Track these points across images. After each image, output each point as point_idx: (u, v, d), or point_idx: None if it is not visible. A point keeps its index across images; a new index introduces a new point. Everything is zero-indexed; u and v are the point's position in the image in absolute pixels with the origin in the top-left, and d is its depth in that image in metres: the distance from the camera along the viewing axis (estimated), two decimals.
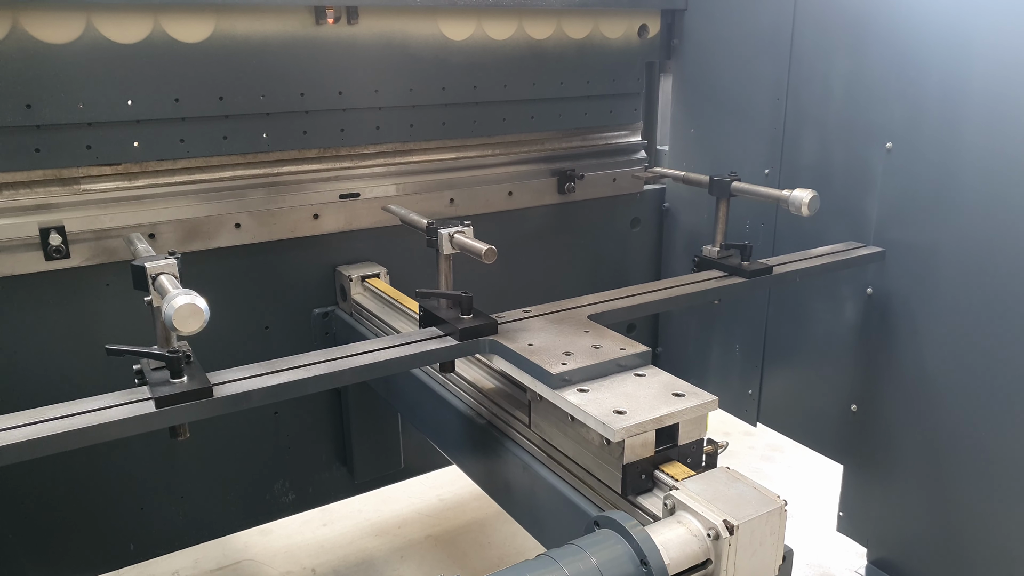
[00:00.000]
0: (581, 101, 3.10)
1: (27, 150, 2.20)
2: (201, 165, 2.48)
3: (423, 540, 3.24)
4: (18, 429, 1.49)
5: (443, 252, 1.94)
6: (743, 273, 2.36)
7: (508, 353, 1.80)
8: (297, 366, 1.73)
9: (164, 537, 2.69)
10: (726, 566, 1.30)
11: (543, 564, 1.21)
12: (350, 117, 2.65)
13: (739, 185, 2.44)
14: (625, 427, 1.46)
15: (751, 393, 3.12)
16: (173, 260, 1.68)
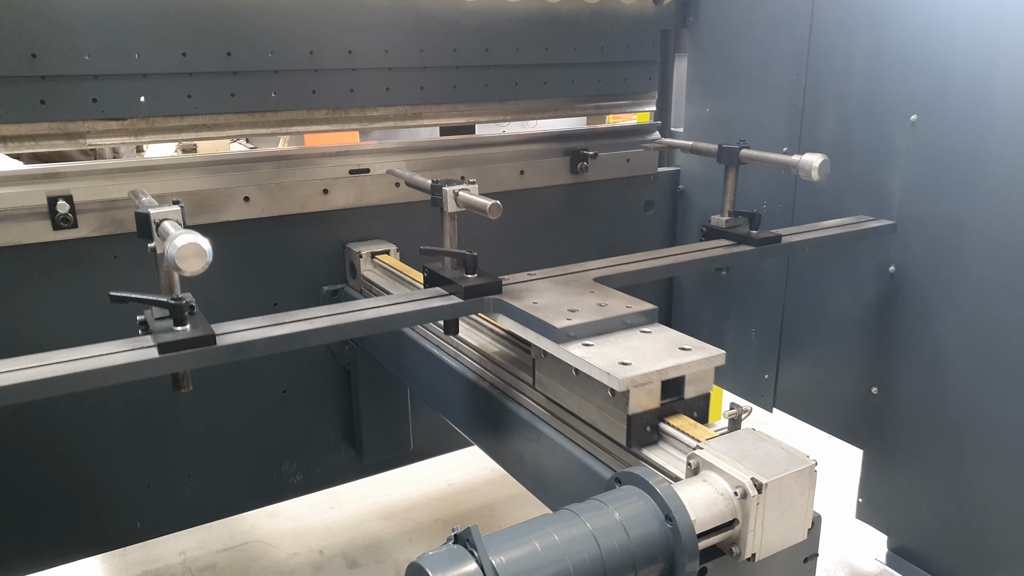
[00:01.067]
0: (595, 68, 3.05)
1: (32, 101, 2.16)
2: (208, 123, 2.44)
3: (432, 524, 3.19)
4: (23, 371, 1.48)
5: (448, 210, 1.92)
6: (751, 241, 2.33)
7: (513, 311, 1.78)
8: (301, 319, 1.71)
9: (171, 516, 2.65)
10: (753, 526, 1.25)
11: (564, 518, 1.16)
12: (360, 77, 2.60)
13: (748, 152, 2.40)
14: (630, 377, 1.44)
15: (767, 378, 3.06)
16: (177, 207, 1.66)
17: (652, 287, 3.44)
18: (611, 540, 1.14)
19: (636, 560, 1.15)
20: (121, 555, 2.95)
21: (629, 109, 3.25)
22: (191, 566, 2.93)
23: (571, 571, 1.10)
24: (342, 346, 2.79)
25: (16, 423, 2.34)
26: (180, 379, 1.71)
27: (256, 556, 2.99)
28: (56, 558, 2.52)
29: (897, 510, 2.62)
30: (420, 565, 1.05)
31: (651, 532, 1.17)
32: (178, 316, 1.60)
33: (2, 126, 2.15)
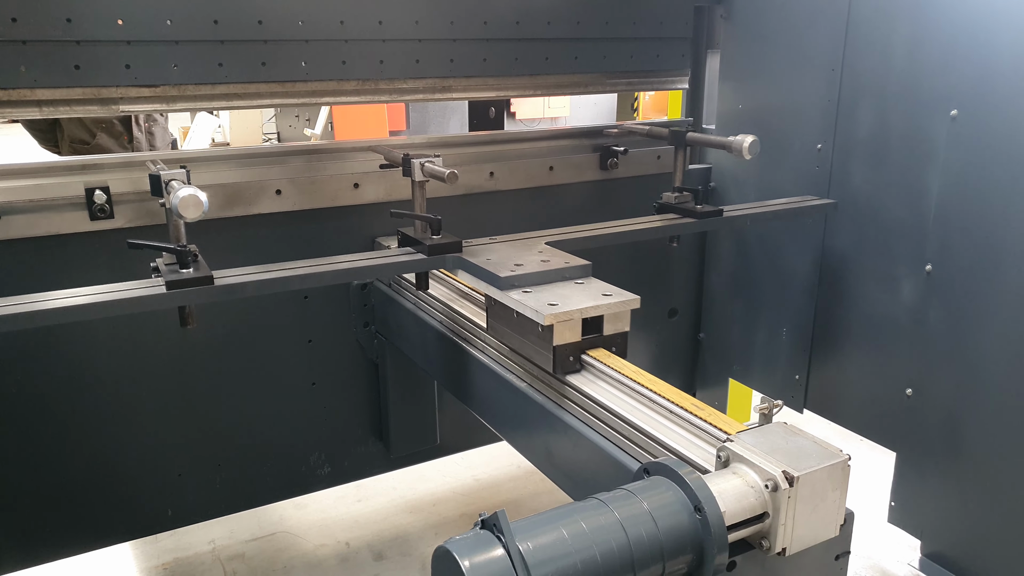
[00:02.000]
0: (627, 43, 3.01)
1: (67, 66, 2.18)
2: (239, 92, 2.44)
3: (458, 518, 3.19)
4: (46, 302, 1.76)
5: (416, 179, 2.21)
6: (695, 215, 2.58)
7: (468, 266, 2.08)
8: (286, 268, 2.01)
9: (201, 505, 2.69)
10: (784, 520, 1.23)
11: (592, 506, 1.16)
12: (389, 48, 2.60)
13: (693, 135, 2.67)
14: (553, 314, 1.74)
15: (798, 379, 3.02)
16: (183, 170, 1.93)
17: (683, 285, 3.42)
18: (639, 529, 1.13)
19: (664, 551, 1.13)
20: (152, 542, 3.00)
21: (661, 86, 3.21)
22: (220, 555, 2.96)
23: (598, 559, 1.09)
24: (371, 340, 2.81)
25: (56, 410, 2.39)
26: (186, 316, 2.01)
27: (284, 547, 3.01)
28: (90, 543, 2.57)
29: (931, 515, 2.56)
30: (447, 549, 1.05)
31: (680, 523, 1.16)
32: (183, 260, 1.90)
33: (37, 91, 2.18)
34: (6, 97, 2.17)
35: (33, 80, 2.16)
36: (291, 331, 2.68)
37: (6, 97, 2.17)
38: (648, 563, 1.13)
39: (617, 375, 1.73)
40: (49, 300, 1.77)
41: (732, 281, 3.29)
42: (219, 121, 10.87)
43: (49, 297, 1.77)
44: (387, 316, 2.70)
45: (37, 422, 2.38)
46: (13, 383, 2.31)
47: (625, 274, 3.26)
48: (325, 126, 9.35)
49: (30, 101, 2.20)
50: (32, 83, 2.17)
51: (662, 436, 1.53)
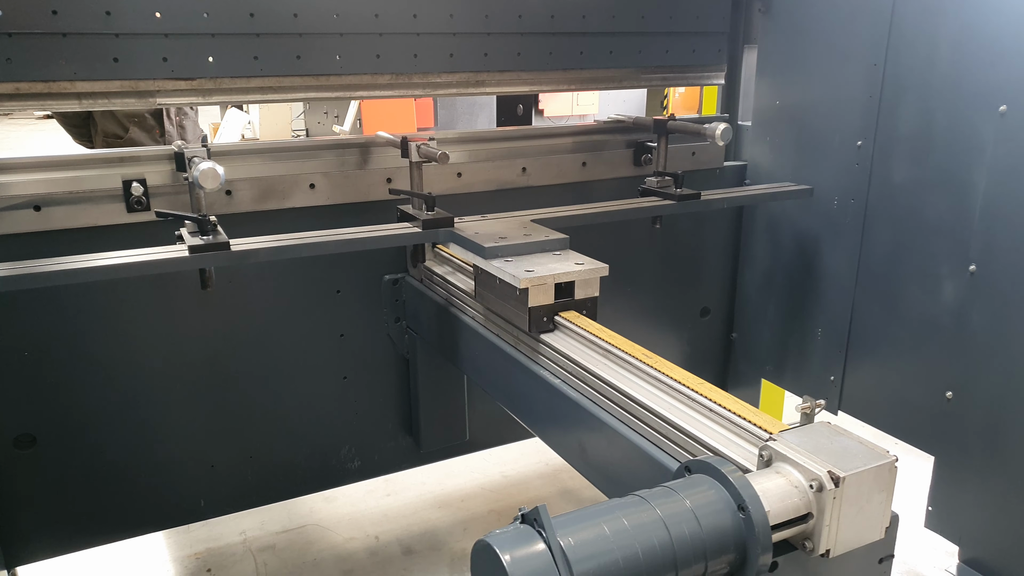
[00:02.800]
0: (663, 37, 2.98)
1: (106, 59, 2.21)
2: (273, 85, 2.45)
3: (486, 514, 3.19)
4: (81, 263, 1.95)
5: (412, 159, 2.40)
6: (674, 197, 2.74)
7: (458, 238, 2.29)
8: (295, 237, 2.19)
9: (233, 496, 2.70)
10: (829, 521, 1.21)
11: (634, 503, 1.14)
12: (424, 42, 2.60)
13: (673, 123, 2.82)
14: (528, 278, 1.96)
15: (833, 380, 2.97)
16: (204, 148, 2.21)
17: (715, 284, 3.38)
18: (682, 528, 1.11)
19: (707, 549, 1.11)
20: (185, 532, 3.03)
21: (696, 82, 3.17)
22: (251, 546, 2.99)
23: (640, 556, 1.07)
24: (402, 335, 2.81)
25: (93, 402, 2.42)
26: (206, 279, 2.19)
27: (314, 539, 3.03)
28: (125, 531, 2.60)
29: (969, 520, 2.50)
30: (488, 543, 1.04)
31: (723, 522, 1.14)
32: (204, 229, 2.11)
33: (77, 83, 2.20)
34: (46, 90, 2.19)
35: (73, 73, 2.19)
36: (324, 325, 2.69)
37: (46, 90, 2.19)
38: (690, 562, 1.11)
39: (587, 334, 1.92)
40: (82, 261, 1.95)
41: (766, 280, 3.25)
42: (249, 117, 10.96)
43: (83, 259, 1.95)
44: (418, 311, 2.70)
45: (75, 413, 2.41)
46: (51, 374, 2.34)
47: (657, 273, 3.26)
48: (353, 123, 9.39)
49: (70, 94, 2.23)
50: (72, 76, 2.19)
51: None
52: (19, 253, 2.12)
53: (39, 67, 2.14)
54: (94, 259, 1.98)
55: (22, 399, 2.33)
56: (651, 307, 3.26)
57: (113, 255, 2.01)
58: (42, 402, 2.36)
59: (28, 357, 2.31)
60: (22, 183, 2.19)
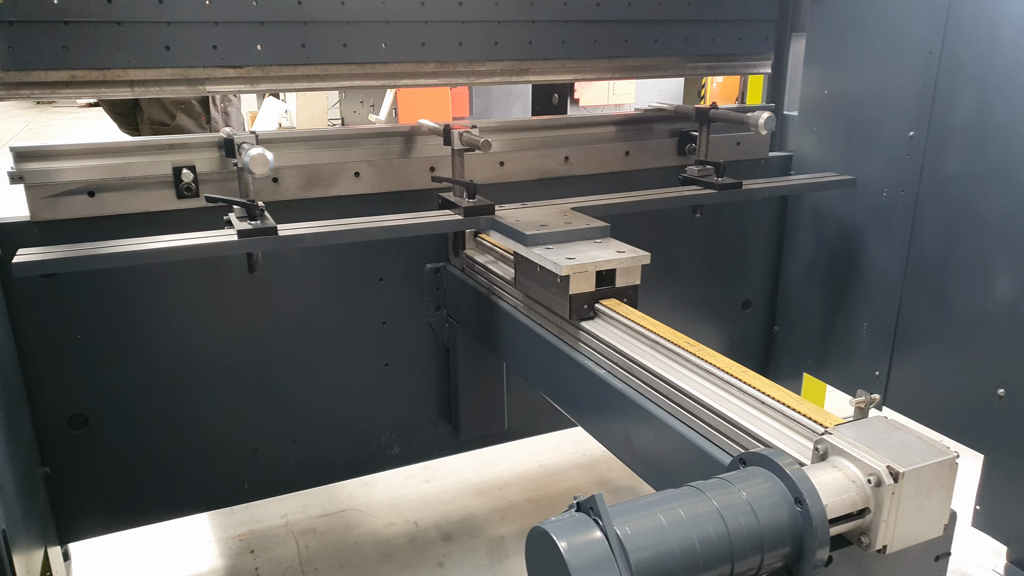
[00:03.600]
0: (709, 25, 2.94)
1: (158, 47, 2.24)
2: (320, 73, 2.47)
3: (524, 503, 3.20)
4: (134, 246, 2.02)
5: (454, 147, 2.42)
6: (715, 187, 2.72)
7: (499, 226, 2.30)
8: (340, 223, 2.23)
9: (275, 479, 2.75)
10: (887, 516, 1.19)
11: (690, 494, 1.13)
12: (468, 30, 2.59)
13: (715, 112, 2.78)
14: (570, 266, 1.96)
15: (878, 375, 2.92)
16: (252, 134, 2.22)
17: (757, 276, 3.34)
18: (738, 520, 1.10)
19: (764, 542, 1.11)
20: (229, 514, 3.08)
21: (742, 70, 3.13)
22: (292, 529, 3.03)
23: (697, 547, 1.07)
24: (442, 323, 2.82)
25: (141, 386, 2.47)
26: (253, 263, 2.26)
27: (354, 523, 3.07)
28: (170, 512, 2.66)
29: (1019, 520, 2.45)
30: (544, 530, 1.04)
31: (780, 515, 1.13)
32: (252, 214, 2.15)
33: (130, 71, 2.24)
34: (100, 77, 2.23)
35: (126, 60, 2.22)
36: (367, 312, 2.72)
37: (100, 77, 2.23)
38: (747, 554, 1.10)
39: (629, 322, 1.91)
40: (135, 244, 2.01)
41: (810, 273, 3.20)
42: (286, 106, 11.06)
43: (136, 242, 2.02)
44: (459, 300, 2.71)
45: (125, 396, 2.46)
46: (103, 356, 2.40)
47: (698, 264, 3.23)
48: (389, 112, 9.42)
49: (123, 81, 2.26)
50: (125, 63, 2.22)
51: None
52: (73, 238, 2.17)
53: (94, 55, 2.18)
54: (147, 243, 2.04)
55: (75, 380, 2.39)
56: (691, 299, 3.23)
57: (165, 239, 2.05)
58: (94, 384, 2.42)
59: (81, 340, 2.36)
60: (77, 169, 2.24)
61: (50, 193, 2.21)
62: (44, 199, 2.21)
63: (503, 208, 2.41)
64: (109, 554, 2.88)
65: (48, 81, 2.17)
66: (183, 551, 2.92)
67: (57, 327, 2.32)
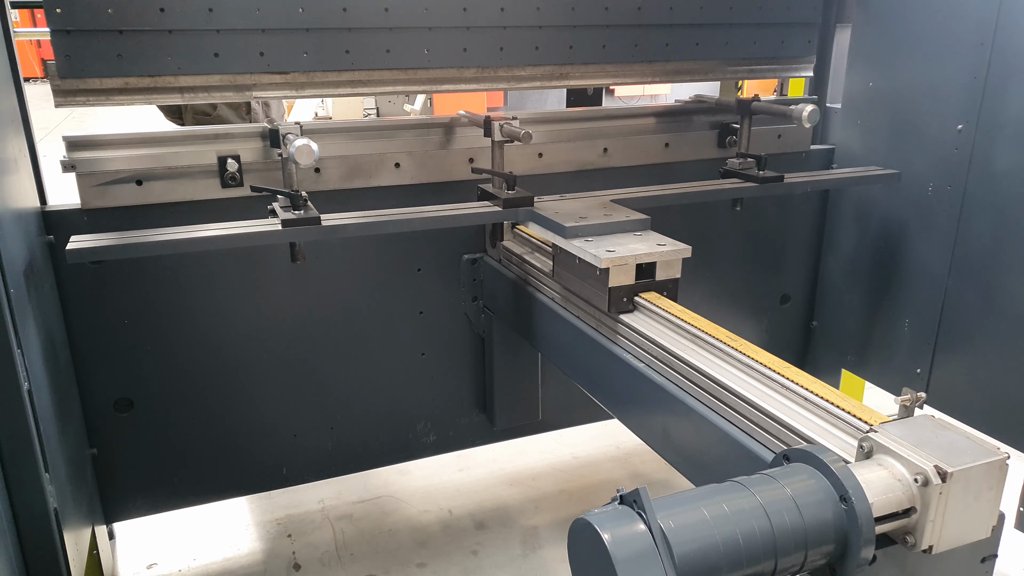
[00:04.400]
0: (751, 28, 2.89)
1: (208, 54, 2.27)
2: (364, 79, 2.49)
3: (557, 494, 3.21)
4: (181, 234, 2.06)
5: (495, 138, 2.41)
6: (756, 180, 2.68)
7: (538, 218, 2.30)
8: (382, 214, 2.26)
9: (313, 465, 2.79)
10: (933, 516, 1.18)
11: (733, 489, 1.13)
12: (510, 35, 2.59)
13: (758, 104, 2.75)
14: (609, 258, 1.96)
15: (919, 372, 2.88)
16: (297, 125, 2.28)
17: (797, 270, 3.30)
18: (782, 516, 1.10)
19: (808, 539, 1.10)
20: (267, 498, 3.14)
21: (783, 73, 3.08)
22: (329, 514, 3.08)
23: (740, 542, 1.07)
24: (478, 314, 2.84)
25: (185, 372, 2.52)
26: (296, 252, 2.27)
27: (389, 510, 3.10)
28: (212, 494, 2.72)
29: None
30: (588, 522, 1.05)
31: (824, 512, 1.12)
32: (296, 203, 2.18)
33: (180, 77, 2.28)
34: (152, 84, 2.27)
35: (177, 67, 2.26)
36: (404, 302, 2.74)
37: (152, 84, 2.27)
38: (790, 550, 1.10)
39: (669, 315, 1.90)
40: (183, 232, 2.05)
41: (851, 267, 3.15)
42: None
43: (183, 230, 2.06)
44: (495, 291, 2.72)
45: (169, 380, 2.52)
46: (148, 341, 2.45)
47: (737, 258, 3.20)
48: (424, 103, 9.45)
49: (173, 88, 2.31)
50: (176, 70, 2.27)
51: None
52: (122, 225, 2.22)
53: (146, 62, 2.22)
54: (193, 231, 2.07)
55: (121, 364, 2.45)
56: (729, 292, 3.21)
57: (211, 227, 2.09)
58: (139, 368, 2.47)
59: (128, 325, 2.42)
60: (125, 158, 2.29)
61: (100, 181, 2.27)
62: (94, 187, 2.27)
63: (542, 200, 2.41)
64: (152, 534, 2.96)
65: (103, 88, 2.23)
66: (223, 534, 2.99)
67: (105, 313, 2.38)
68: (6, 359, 1.65)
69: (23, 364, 1.71)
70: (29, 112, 2.25)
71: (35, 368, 1.84)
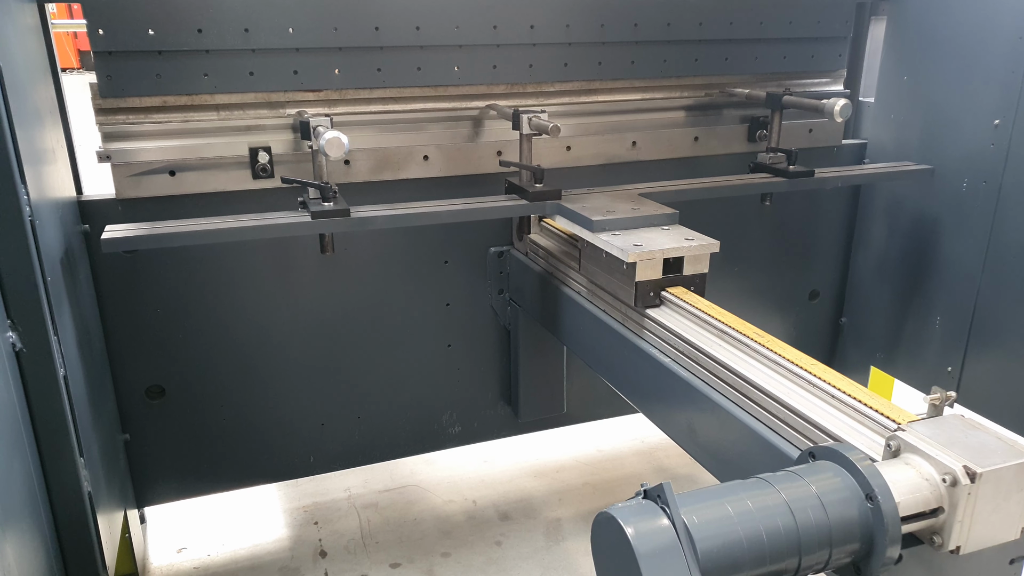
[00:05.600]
0: (780, 44, 2.87)
1: (243, 73, 2.32)
2: (395, 95, 2.52)
3: (581, 486, 3.22)
4: (214, 225, 2.11)
5: (523, 132, 2.38)
6: (786, 175, 2.67)
7: (565, 211, 2.29)
8: (411, 206, 2.28)
9: (340, 454, 2.83)
10: (961, 517, 1.16)
11: (758, 485, 1.13)
12: (539, 53, 2.61)
13: (789, 98, 2.69)
14: (637, 252, 1.95)
15: (950, 371, 2.84)
16: (327, 117, 2.23)
17: (826, 266, 3.27)
18: (807, 513, 1.09)
19: (833, 537, 1.10)
20: (294, 485, 3.19)
21: (813, 88, 3.05)
22: (355, 502, 3.11)
23: (764, 539, 1.06)
24: (504, 306, 2.84)
25: (216, 360, 2.56)
26: (325, 244, 2.31)
27: (414, 499, 3.13)
28: (241, 481, 2.77)
29: None
30: (612, 515, 1.06)
31: (850, 510, 1.12)
32: (325, 195, 2.19)
33: (216, 95, 2.34)
34: (189, 102, 2.33)
35: (214, 86, 2.31)
36: (431, 294, 2.76)
37: (189, 102, 2.33)
38: (815, 548, 1.09)
39: (695, 310, 1.88)
40: (214, 223, 2.10)
41: (881, 264, 3.11)
42: None
43: (214, 221, 2.10)
44: (522, 284, 2.73)
45: (200, 369, 2.56)
46: (180, 330, 2.50)
47: (765, 253, 3.18)
48: None
49: (209, 105, 2.36)
50: (212, 89, 2.31)
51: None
52: (155, 215, 2.26)
53: (184, 82, 2.28)
54: (225, 221, 2.11)
55: (154, 353, 2.50)
56: (757, 287, 3.18)
57: (242, 218, 2.12)
58: (171, 356, 2.52)
59: (160, 314, 2.47)
60: (159, 149, 2.33)
61: (134, 172, 2.31)
62: (129, 178, 2.31)
63: (569, 193, 2.41)
64: (182, 520, 3.01)
65: (142, 107, 2.29)
66: (251, 520, 3.03)
67: (139, 301, 2.43)
68: (43, 346, 1.69)
69: (59, 351, 1.75)
70: (66, 103, 2.30)
71: (70, 355, 1.89)
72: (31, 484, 1.66)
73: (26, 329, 1.66)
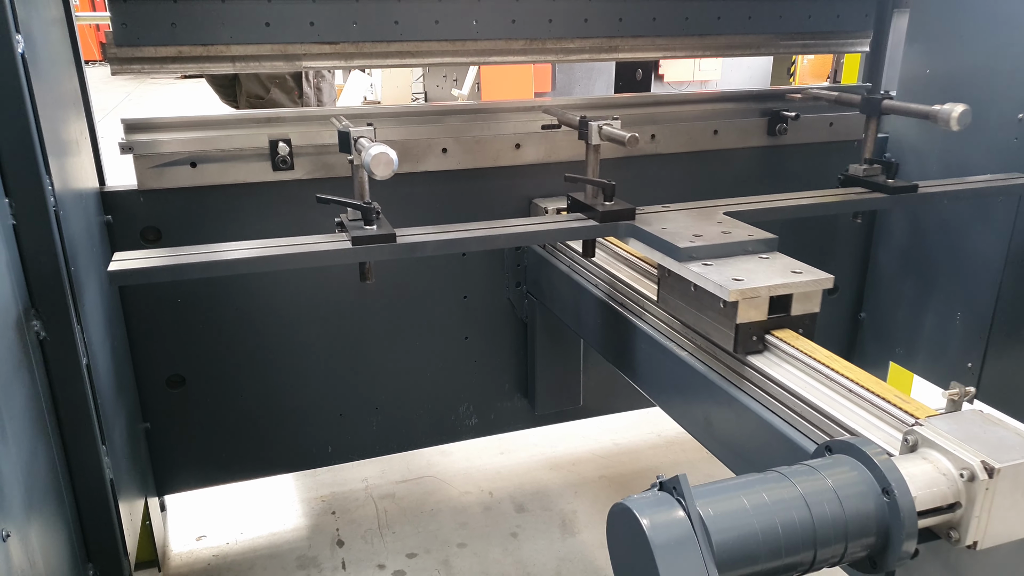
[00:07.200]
0: (805, 2, 2.82)
1: (259, 24, 2.32)
2: (412, 50, 2.51)
3: (597, 479, 3.22)
4: (248, 251, 1.84)
5: (592, 142, 2.13)
6: (886, 190, 2.38)
7: (642, 234, 1.98)
8: (463, 229, 2.01)
9: (357, 444, 2.85)
10: (979, 512, 1.16)
11: (774, 479, 1.13)
12: (558, 7, 2.58)
13: (890, 103, 2.45)
14: (739, 289, 1.63)
15: (971, 367, 2.81)
16: (371, 127, 1.95)
17: (845, 260, 3.24)
18: (823, 507, 1.09)
19: (848, 531, 1.10)
20: (312, 475, 3.22)
21: (838, 49, 3.00)
22: (372, 493, 3.14)
23: (780, 532, 1.07)
24: (522, 299, 2.85)
25: (237, 349, 2.59)
26: (365, 271, 2.05)
27: (431, 490, 3.15)
28: (260, 470, 2.80)
29: None
30: (627, 507, 1.06)
31: (866, 504, 1.11)
32: (367, 217, 1.92)
33: (232, 47, 2.33)
34: (204, 53, 2.33)
35: (229, 37, 2.31)
36: (449, 287, 2.77)
37: (204, 53, 2.33)
38: (830, 542, 1.09)
39: (806, 358, 1.59)
40: (243, 249, 1.84)
41: (902, 259, 3.09)
42: (371, 80, 11.24)
43: (243, 247, 1.84)
44: (539, 278, 2.73)
45: (220, 358, 2.59)
46: (201, 320, 2.52)
47: (783, 247, 3.13)
48: (472, 87, 9.47)
49: (225, 57, 2.36)
50: (228, 39, 2.32)
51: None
52: (178, 205, 2.29)
53: (199, 31, 2.28)
54: (257, 248, 1.86)
55: (175, 342, 2.53)
56: None
57: (275, 243, 1.88)
58: (192, 346, 2.55)
59: (180, 304, 2.50)
60: (181, 140, 2.35)
61: (156, 163, 2.33)
62: (150, 169, 2.33)
63: (643, 212, 2.14)
64: (201, 508, 3.05)
65: (157, 56, 2.29)
66: (269, 509, 3.07)
67: (160, 291, 2.46)
68: (67, 335, 1.72)
69: (82, 340, 1.78)
70: (90, 94, 2.32)
71: (93, 344, 1.92)
72: (55, 471, 1.69)
73: (50, 318, 1.69)
